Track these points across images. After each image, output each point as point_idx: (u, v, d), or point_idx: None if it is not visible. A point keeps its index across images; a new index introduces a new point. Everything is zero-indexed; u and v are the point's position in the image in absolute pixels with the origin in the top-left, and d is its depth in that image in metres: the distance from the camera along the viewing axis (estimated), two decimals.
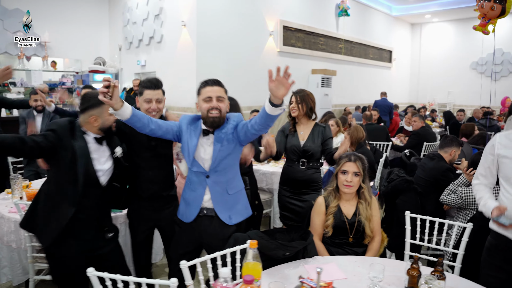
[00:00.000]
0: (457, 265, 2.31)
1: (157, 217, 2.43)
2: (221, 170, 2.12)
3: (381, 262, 1.97)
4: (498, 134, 1.97)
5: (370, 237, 2.32)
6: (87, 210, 2.08)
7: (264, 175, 4.19)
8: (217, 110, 2.03)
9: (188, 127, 2.14)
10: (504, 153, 1.89)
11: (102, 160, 2.13)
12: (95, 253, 2.15)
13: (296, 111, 2.98)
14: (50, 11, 8.48)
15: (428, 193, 3.36)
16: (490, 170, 1.99)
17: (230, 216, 2.17)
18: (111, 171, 2.19)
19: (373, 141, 5.97)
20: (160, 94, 2.31)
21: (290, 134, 3.06)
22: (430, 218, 2.42)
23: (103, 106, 2.00)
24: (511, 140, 1.89)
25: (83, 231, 2.09)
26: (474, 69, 13.08)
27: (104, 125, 2.09)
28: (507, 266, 1.86)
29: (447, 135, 3.61)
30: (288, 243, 1.98)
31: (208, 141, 2.11)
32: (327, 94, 9.26)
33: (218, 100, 2.04)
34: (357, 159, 2.32)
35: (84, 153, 2.04)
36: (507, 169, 1.88)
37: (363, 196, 2.35)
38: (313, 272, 1.91)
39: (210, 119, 2.04)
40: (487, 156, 2.00)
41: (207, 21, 6.82)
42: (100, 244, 2.17)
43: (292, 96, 3.00)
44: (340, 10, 9.93)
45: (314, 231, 2.34)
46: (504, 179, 1.91)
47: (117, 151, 2.20)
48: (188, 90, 6.83)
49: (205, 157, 2.11)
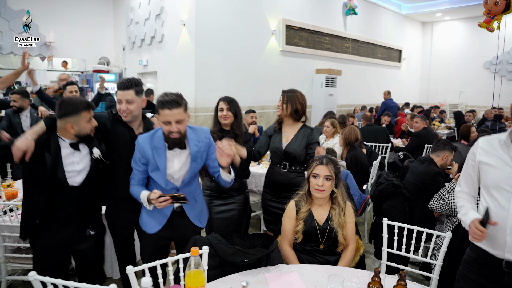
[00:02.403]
0: (435, 277, 2.18)
1: (136, 218, 2.38)
2: (190, 182, 2.18)
3: (349, 273, 1.87)
4: (481, 139, 1.79)
5: (343, 245, 2.21)
6: (63, 209, 2.11)
7: (253, 176, 4.09)
8: (177, 133, 1.99)
9: (150, 145, 2.07)
10: (485, 159, 1.73)
11: (77, 161, 2.12)
12: (75, 248, 2.19)
13: (279, 111, 2.87)
14: (55, 12, 8.58)
15: (417, 198, 3.22)
16: (470, 176, 1.83)
17: (200, 220, 2.28)
18: (88, 171, 2.17)
19: (373, 142, 5.82)
20: (131, 94, 2.21)
21: (275, 133, 2.96)
22: (408, 226, 2.29)
23: (81, 114, 2.03)
24: (493, 146, 1.72)
25: (61, 227, 2.12)
26: (488, 69, 12.68)
27: (81, 132, 2.08)
28: (484, 282, 1.71)
29: (440, 138, 3.45)
30: (247, 249, 1.90)
31: (174, 154, 2.09)
32: (331, 94, 9.11)
33: (177, 123, 1.98)
34: (329, 162, 2.21)
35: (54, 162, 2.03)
36: (487, 177, 1.72)
37: (336, 202, 2.24)
38: (274, 281, 1.82)
39: (171, 140, 2.02)
40: (468, 161, 1.85)
41: (206, 20, 6.77)
42: (79, 239, 2.19)
43: (281, 94, 2.89)
44: (348, 8, 9.75)
45: (284, 236, 2.25)
46: (484, 187, 1.76)
47: (94, 152, 2.18)
48: (187, 91, 6.79)
49: (173, 172, 2.10)
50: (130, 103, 2.22)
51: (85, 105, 2.06)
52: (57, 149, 2.06)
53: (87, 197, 2.20)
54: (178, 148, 2.07)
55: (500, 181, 1.64)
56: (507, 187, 1.62)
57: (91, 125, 2.10)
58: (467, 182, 1.87)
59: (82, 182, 2.14)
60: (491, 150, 1.72)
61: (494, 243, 1.66)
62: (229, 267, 1.94)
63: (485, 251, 1.70)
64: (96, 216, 2.32)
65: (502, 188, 1.63)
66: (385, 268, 2.36)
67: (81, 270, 2.29)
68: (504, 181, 1.63)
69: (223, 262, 1.95)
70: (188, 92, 6.71)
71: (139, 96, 2.25)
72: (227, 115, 2.69)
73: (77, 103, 2.04)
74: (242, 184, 2.88)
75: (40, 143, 2.01)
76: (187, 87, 6.85)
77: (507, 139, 1.67)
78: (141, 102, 2.27)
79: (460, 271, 1.85)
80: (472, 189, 1.86)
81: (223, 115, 2.69)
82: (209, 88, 6.86)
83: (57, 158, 2.05)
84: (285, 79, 8.04)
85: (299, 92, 2.91)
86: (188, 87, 6.82)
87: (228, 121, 2.71)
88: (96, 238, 2.28)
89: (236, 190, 2.82)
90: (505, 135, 1.68)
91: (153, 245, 2.23)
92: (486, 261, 1.69)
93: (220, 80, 7.07)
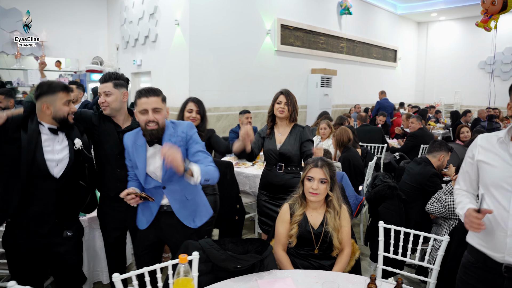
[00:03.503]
0: (432, 281, 2.14)
1: (126, 217, 2.35)
2: (176, 180, 2.08)
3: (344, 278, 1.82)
4: (480, 136, 1.74)
5: (338, 249, 2.14)
6: (40, 203, 2.02)
7: (247, 178, 4.04)
8: (153, 122, 1.95)
9: (133, 145, 2.06)
10: (484, 158, 1.67)
11: (56, 149, 2.06)
12: (52, 250, 2.11)
13: (284, 112, 2.80)
14: (48, 10, 8.46)
15: (413, 199, 3.17)
16: (468, 174, 1.78)
17: (194, 220, 2.17)
18: (68, 163, 2.09)
19: (368, 143, 5.78)
20: (109, 87, 2.24)
21: (267, 137, 2.92)
22: (404, 229, 2.24)
23: (57, 94, 2.00)
24: (492, 144, 1.66)
25: (36, 225, 2.04)
26: (482, 69, 12.71)
27: (57, 114, 2.02)
28: (483, 287, 1.66)
29: (436, 139, 3.41)
30: (240, 255, 1.84)
31: (155, 150, 2.04)
32: (326, 94, 9.07)
33: (154, 111, 1.95)
34: (324, 164, 2.15)
35: (32, 142, 1.97)
36: (486, 176, 1.66)
37: (331, 205, 2.18)
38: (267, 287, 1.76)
39: (148, 132, 1.97)
40: (466, 159, 1.79)
41: (200, 20, 6.70)
42: (56, 241, 2.11)
43: (281, 95, 2.81)
44: (343, 8, 9.71)
45: (278, 240, 2.19)
46: (483, 186, 1.70)
47: (76, 142, 2.13)
48: (181, 90, 6.72)
49: (155, 169, 2.06)
50: (108, 95, 2.23)
51: (62, 86, 2.04)
52: (36, 132, 2.00)
53: (66, 193, 2.10)
54: (158, 144, 2.01)
55: (500, 179, 1.59)
56: (507, 186, 1.56)
57: (68, 108, 2.04)
58: (465, 180, 1.82)
59: (62, 175, 2.06)
60: (490, 148, 1.66)
61: (494, 245, 1.60)
62: (222, 273, 1.88)
63: (484, 254, 1.64)
64: (74, 217, 2.25)
65: (502, 187, 1.58)
66: (381, 272, 2.31)
67: (58, 272, 2.21)
68: (504, 179, 1.58)
69: (216, 267, 1.89)
70: (182, 92, 6.64)
71: (117, 89, 2.25)
72: (196, 117, 2.75)
73: (54, 84, 2.04)
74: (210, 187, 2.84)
75: (15, 122, 1.96)
76: (181, 87, 6.77)
77: (505, 137, 1.61)
78: (120, 95, 2.26)
79: (459, 275, 1.80)
80: (471, 187, 1.81)
81: (192, 117, 2.73)
82: (203, 88, 6.79)
83: (36, 142, 1.98)
84: (280, 79, 7.99)
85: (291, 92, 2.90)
86: (182, 87, 6.75)
87: (196, 122, 2.74)
88: (75, 239, 2.20)
89: None
90: (504, 133, 1.63)
91: (144, 242, 2.18)
92: (485, 265, 1.64)
93: (214, 80, 7.00)
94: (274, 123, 2.92)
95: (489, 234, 1.61)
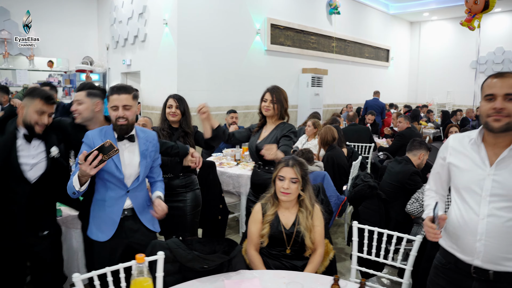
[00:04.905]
0: (405, 282, 2.12)
1: None
2: (140, 184, 2.13)
3: (312, 278, 1.80)
4: (452, 137, 1.70)
5: (311, 249, 2.13)
6: (15, 206, 2.07)
7: (230, 177, 4.02)
8: (123, 118, 2.00)
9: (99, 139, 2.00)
10: (455, 161, 1.63)
11: (32, 154, 2.09)
12: (32, 250, 2.16)
13: (270, 110, 2.74)
14: (37, 10, 8.35)
15: (394, 199, 3.17)
16: (439, 175, 1.75)
17: (153, 225, 2.21)
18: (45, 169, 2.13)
19: (356, 142, 5.78)
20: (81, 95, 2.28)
21: (254, 134, 2.89)
22: (378, 229, 2.23)
23: (34, 100, 2.03)
24: (463, 146, 1.62)
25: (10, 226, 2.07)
26: (474, 68, 12.74)
27: (25, 118, 2.05)
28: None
29: (416, 138, 3.40)
30: (206, 255, 1.82)
31: (124, 147, 2.06)
32: (317, 93, 9.06)
33: (124, 108, 2.00)
34: (295, 164, 2.13)
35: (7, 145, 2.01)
36: (457, 179, 1.63)
37: (303, 205, 2.16)
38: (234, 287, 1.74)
39: (118, 127, 2.02)
40: (438, 160, 1.75)
41: (189, 19, 6.66)
42: (33, 241, 2.15)
43: (267, 93, 2.76)
44: (332, 7, 9.70)
45: (250, 240, 2.17)
46: (454, 189, 1.67)
47: (52, 150, 2.16)
48: (170, 90, 6.66)
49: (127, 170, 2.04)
50: (80, 104, 2.26)
51: (43, 95, 2.05)
52: (13, 135, 2.04)
53: (40, 198, 2.14)
54: (128, 140, 2.05)
55: (470, 183, 1.56)
56: (478, 190, 1.53)
57: (39, 118, 2.05)
58: (435, 181, 1.79)
59: (37, 180, 2.10)
60: (461, 149, 1.62)
61: (464, 248, 1.58)
62: (190, 273, 1.86)
63: (454, 256, 1.62)
64: (50, 217, 2.27)
65: (473, 191, 1.55)
66: (355, 272, 2.29)
67: (37, 272, 2.23)
68: (474, 183, 1.54)
69: (183, 268, 1.87)
70: (170, 92, 6.55)
71: (90, 98, 2.27)
72: (175, 112, 2.76)
73: (39, 90, 2.07)
74: (190, 181, 2.85)
75: None
76: (170, 86, 6.74)
77: (477, 138, 1.57)
78: (92, 105, 2.28)
79: (430, 277, 1.78)
80: (441, 188, 1.78)
81: (171, 112, 2.76)
82: (192, 88, 6.76)
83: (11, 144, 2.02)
84: (270, 79, 7.90)
85: (281, 88, 2.82)
86: (171, 87, 6.71)
87: (176, 118, 2.77)
88: (51, 238, 2.23)
89: (184, 187, 2.80)
90: (476, 134, 1.58)
91: (109, 256, 2.02)
92: (456, 267, 1.62)
93: (203, 80, 6.97)
94: (264, 121, 2.88)
95: (460, 238, 1.59)
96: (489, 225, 1.50)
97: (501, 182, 1.49)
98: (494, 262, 1.50)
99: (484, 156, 1.54)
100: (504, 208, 1.48)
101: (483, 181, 1.52)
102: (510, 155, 1.48)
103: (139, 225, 2.10)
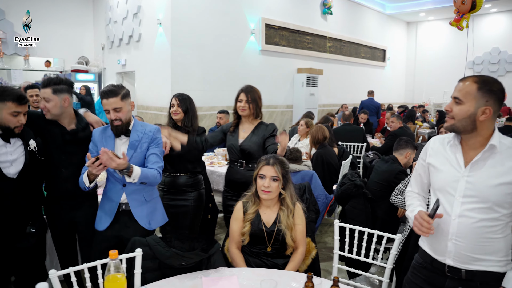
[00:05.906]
0: (385, 280, 2.14)
1: (74, 216, 2.37)
2: None
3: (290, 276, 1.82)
4: (433, 138, 1.72)
5: (292, 247, 2.14)
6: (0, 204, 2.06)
7: (220, 177, 4.03)
8: (117, 120, 2.12)
9: (101, 136, 2.21)
10: (433, 162, 1.64)
11: (9, 151, 2.09)
12: (18, 246, 2.14)
13: (246, 110, 2.79)
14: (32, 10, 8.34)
15: (381, 198, 3.18)
16: (420, 177, 1.76)
17: (150, 222, 2.24)
18: (24, 163, 2.13)
19: (349, 142, 5.79)
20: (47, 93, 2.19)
21: (230, 134, 2.91)
22: (359, 228, 2.24)
23: (5, 103, 2.00)
24: (443, 146, 1.63)
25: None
26: (471, 69, 12.77)
27: (2, 122, 2.03)
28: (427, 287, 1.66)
29: (402, 137, 3.42)
30: (185, 253, 1.83)
31: (120, 142, 2.19)
32: (313, 93, 9.08)
33: (115, 111, 2.11)
34: (276, 162, 2.14)
35: None
36: (434, 180, 1.65)
37: (284, 203, 2.18)
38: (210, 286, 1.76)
39: (114, 127, 2.16)
40: (419, 161, 1.76)
41: (182, 19, 6.68)
42: (19, 238, 2.14)
43: (242, 93, 2.81)
44: (326, 7, 9.71)
45: (231, 238, 2.19)
46: (432, 191, 1.69)
47: (31, 144, 2.17)
48: (164, 90, 6.71)
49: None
50: (47, 101, 2.21)
51: (15, 96, 2.01)
52: None
53: (24, 192, 2.14)
54: (125, 136, 2.18)
55: (445, 184, 1.58)
56: (451, 190, 1.55)
57: (15, 120, 2.03)
58: (417, 182, 1.79)
59: (19, 175, 2.10)
60: (441, 150, 1.63)
61: (437, 248, 1.61)
62: (169, 270, 1.88)
63: (430, 256, 1.64)
64: (36, 213, 2.27)
65: (447, 192, 1.56)
66: (336, 271, 2.31)
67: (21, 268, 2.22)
68: (448, 184, 1.56)
69: (163, 264, 1.89)
70: (164, 92, 6.63)
71: (57, 95, 2.20)
72: (177, 111, 2.80)
73: (8, 91, 2.02)
74: (196, 181, 2.88)
75: None
76: (164, 86, 6.76)
77: (454, 140, 1.58)
78: (60, 101, 2.22)
79: (407, 276, 1.80)
80: (421, 190, 1.79)
81: (173, 111, 2.81)
82: (186, 88, 6.77)
83: None
84: (265, 79, 7.99)
85: (255, 87, 2.89)
86: (165, 87, 6.73)
87: (178, 117, 2.81)
88: (37, 236, 2.22)
89: (190, 186, 2.83)
90: (453, 135, 1.59)
91: (101, 245, 2.18)
92: (432, 266, 1.64)
93: (197, 80, 6.99)
94: (239, 120, 2.92)
95: (434, 237, 1.60)
96: (460, 226, 1.52)
97: (473, 184, 1.50)
98: (464, 261, 1.53)
99: (459, 157, 1.55)
100: (475, 209, 1.50)
101: (457, 182, 1.53)
102: (484, 157, 1.50)
103: (133, 221, 2.17)
